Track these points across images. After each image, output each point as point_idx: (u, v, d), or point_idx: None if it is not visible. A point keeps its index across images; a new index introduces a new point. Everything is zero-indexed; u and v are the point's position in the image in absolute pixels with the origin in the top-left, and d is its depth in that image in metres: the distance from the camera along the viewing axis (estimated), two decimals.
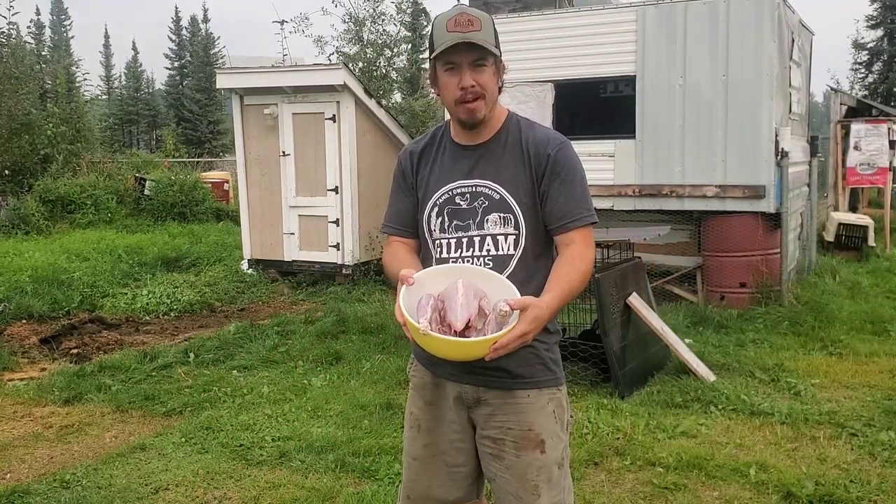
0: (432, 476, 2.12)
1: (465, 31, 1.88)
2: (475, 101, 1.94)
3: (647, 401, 4.76)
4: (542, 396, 2.03)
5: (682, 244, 7.83)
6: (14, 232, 12.09)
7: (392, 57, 16.86)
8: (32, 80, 16.84)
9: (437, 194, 2.05)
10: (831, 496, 3.44)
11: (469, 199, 2.01)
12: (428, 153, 2.11)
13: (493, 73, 1.96)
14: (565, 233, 1.97)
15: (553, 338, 2.08)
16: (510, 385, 2.01)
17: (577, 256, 1.94)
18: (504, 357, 1.93)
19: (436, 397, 2.13)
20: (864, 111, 14.61)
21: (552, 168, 1.97)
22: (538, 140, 2.00)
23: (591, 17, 7.72)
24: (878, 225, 10.81)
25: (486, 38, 1.91)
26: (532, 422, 2.00)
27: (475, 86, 1.92)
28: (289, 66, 10.04)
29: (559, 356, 2.11)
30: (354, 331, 6.61)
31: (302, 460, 3.97)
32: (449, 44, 1.89)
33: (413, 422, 2.18)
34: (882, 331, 6.30)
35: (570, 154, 2.00)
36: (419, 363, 2.19)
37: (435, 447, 2.12)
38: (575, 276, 1.91)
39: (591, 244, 2.00)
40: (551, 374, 2.05)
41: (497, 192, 1.99)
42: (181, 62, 50.97)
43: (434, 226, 2.06)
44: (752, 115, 7.04)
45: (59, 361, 6.07)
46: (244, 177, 9.40)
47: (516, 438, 2.00)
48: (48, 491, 3.70)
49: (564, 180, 1.97)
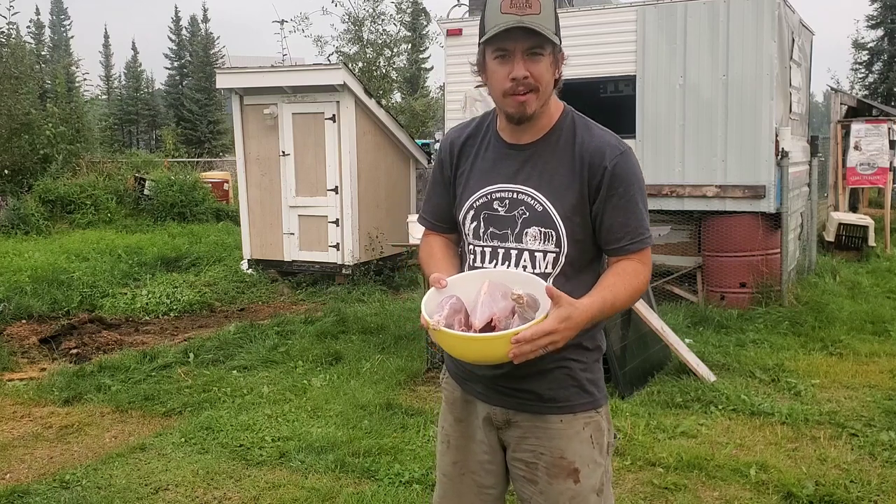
0: (461, 495, 1.99)
1: (522, 14, 1.64)
2: (527, 95, 1.71)
3: (648, 401, 4.76)
4: (577, 421, 1.84)
5: (682, 244, 7.83)
6: (14, 232, 12.08)
7: (392, 57, 16.87)
8: (32, 80, 16.84)
9: (474, 196, 1.85)
10: (831, 496, 3.44)
11: (509, 206, 1.81)
12: (471, 145, 1.91)
13: (549, 63, 1.72)
14: (621, 256, 1.79)
15: (592, 356, 1.88)
16: (541, 409, 1.84)
17: (630, 270, 1.76)
18: (535, 379, 1.82)
19: (465, 414, 1.97)
20: (865, 111, 14.62)
21: (610, 183, 1.75)
22: (594, 148, 1.78)
23: (591, 17, 7.72)
24: (878, 225, 10.80)
25: (545, 22, 1.67)
26: (565, 449, 1.83)
27: (528, 77, 1.69)
28: (289, 66, 10.04)
29: (600, 374, 1.91)
30: (354, 331, 6.61)
31: (302, 460, 3.97)
32: (502, 27, 1.65)
33: (443, 437, 2.03)
34: (882, 331, 6.30)
35: (629, 166, 1.77)
36: (450, 377, 2.03)
37: (464, 465, 1.98)
38: (622, 290, 1.73)
39: (648, 264, 1.81)
40: (588, 396, 1.86)
41: (540, 202, 1.78)
42: (181, 62, 51.01)
43: (468, 230, 1.88)
44: (753, 115, 7.04)
45: (59, 361, 6.07)
46: (244, 177, 9.39)
47: (548, 465, 1.84)
48: (48, 491, 3.70)
49: (623, 197, 1.75)
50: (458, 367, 1.98)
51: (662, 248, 7.84)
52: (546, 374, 1.82)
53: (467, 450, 1.97)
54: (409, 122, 15.31)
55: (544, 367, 1.81)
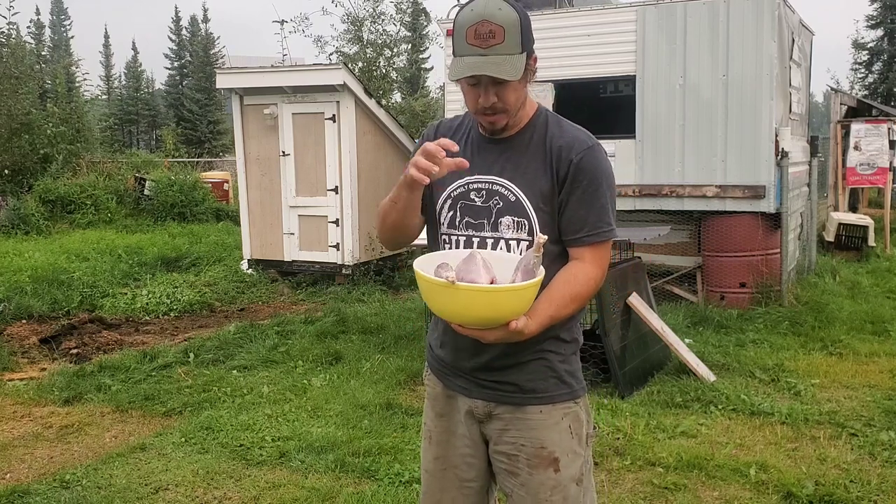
0: (443, 490, 2.04)
1: (486, 48, 1.72)
2: (496, 115, 1.82)
3: (647, 401, 4.76)
4: (556, 412, 1.91)
5: (682, 244, 7.83)
6: (14, 232, 12.09)
7: (392, 57, 16.88)
8: (32, 80, 16.84)
9: (452, 186, 1.92)
10: (831, 496, 3.44)
11: (485, 196, 1.89)
12: (453, 136, 1.96)
13: (518, 81, 1.80)
14: (577, 247, 1.84)
15: (569, 348, 1.95)
16: (521, 400, 1.91)
17: (578, 277, 1.81)
18: (514, 371, 1.88)
19: (447, 410, 2.03)
20: (864, 111, 14.62)
21: (574, 175, 1.82)
22: (563, 143, 1.85)
23: (591, 17, 7.72)
24: (878, 225, 10.81)
25: (509, 49, 1.74)
26: (544, 439, 1.90)
27: (497, 102, 1.79)
28: (289, 66, 10.04)
29: (577, 366, 1.98)
30: (354, 331, 6.61)
31: (302, 460, 3.97)
32: (465, 72, 1.74)
33: (426, 433, 2.09)
34: (882, 331, 6.30)
35: (596, 160, 1.84)
36: (432, 372, 2.08)
37: (446, 460, 2.03)
38: (565, 301, 1.79)
39: (601, 262, 1.86)
40: (566, 387, 1.93)
41: (513, 193, 1.86)
42: (181, 62, 51.02)
43: (444, 219, 1.94)
44: (752, 115, 7.04)
45: (59, 361, 6.07)
46: (244, 177, 9.40)
47: (529, 456, 1.90)
48: (48, 491, 3.70)
49: (586, 190, 1.82)
50: (439, 362, 2.03)
51: (662, 248, 7.84)
52: (525, 365, 1.89)
53: (449, 445, 2.02)
54: (409, 122, 15.30)
55: (523, 359, 1.89)
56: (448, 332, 1.94)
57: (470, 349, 1.91)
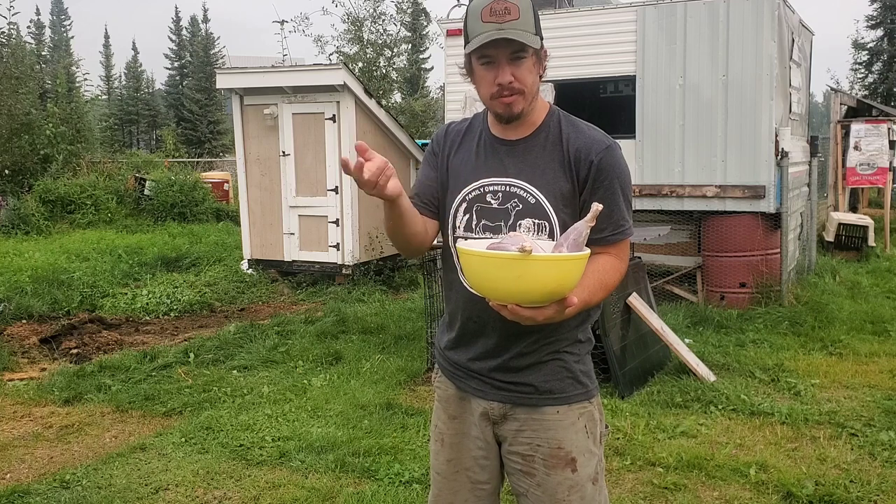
0: (455, 493, 2.02)
1: (502, 22, 1.73)
2: (513, 96, 1.80)
3: (647, 401, 4.76)
4: (572, 412, 1.91)
5: (682, 244, 7.83)
6: (14, 232, 12.09)
7: (392, 57, 16.89)
8: (32, 80, 16.87)
9: (467, 188, 1.90)
10: (831, 496, 3.44)
11: (502, 198, 1.87)
12: (465, 139, 1.97)
13: (532, 64, 1.80)
14: (601, 245, 1.82)
15: (584, 348, 1.96)
16: (538, 401, 1.90)
17: (606, 267, 1.81)
18: (531, 371, 1.89)
19: (460, 411, 2.01)
20: (864, 111, 14.62)
21: (595, 176, 1.82)
22: (581, 144, 1.84)
23: (591, 17, 7.72)
24: (878, 225, 10.81)
25: (524, 26, 1.75)
26: (562, 439, 1.89)
27: (513, 81, 1.78)
28: (289, 66, 10.04)
29: (591, 366, 1.98)
30: (354, 331, 6.61)
31: (302, 460, 3.97)
32: (484, 40, 1.74)
33: (437, 435, 2.06)
34: (882, 331, 6.30)
35: (614, 159, 1.84)
36: (444, 374, 2.06)
37: (458, 463, 2.01)
38: (596, 288, 1.76)
39: (625, 258, 1.87)
40: (582, 387, 1.93)
41: (533, 195, 1.84)
42: (181, 62, 51.05)
43: (460, 222, 1.91)
44: (752, 115, 7.04)
45: (59, 361, 6.07)
46: (244, 177, 9.40)
47: (546, 457, 1.89)
48: (48, 491, 3.70)
49: (608, 189, 1.82)
50: (451, 364, 2.02)
51: (662, 248, 7.84)
52: (542, 366, 1.89)
53: (461, 447, 2.01)
54: (409, 123, 15.31)
55: (540, 359, 1.89)
56: (465, 334, 1.94)
57: (490, 350, 1.91)
